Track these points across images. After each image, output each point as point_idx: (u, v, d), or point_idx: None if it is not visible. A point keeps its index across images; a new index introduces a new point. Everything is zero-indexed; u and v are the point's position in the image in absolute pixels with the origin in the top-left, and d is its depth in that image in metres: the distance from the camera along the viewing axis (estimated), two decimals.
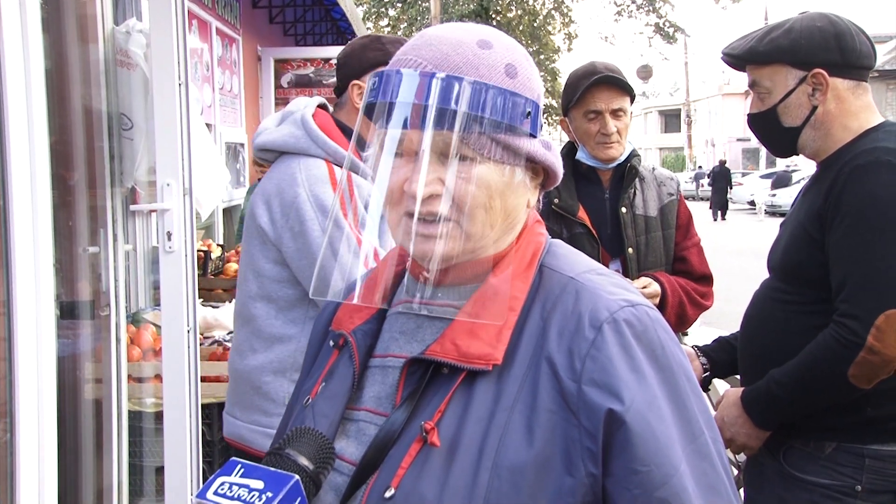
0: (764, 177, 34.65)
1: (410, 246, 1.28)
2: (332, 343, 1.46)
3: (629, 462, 1.18)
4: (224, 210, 8.32)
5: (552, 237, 1.45)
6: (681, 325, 3.20)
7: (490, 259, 1.32)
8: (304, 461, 1.22)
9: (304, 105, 2.74)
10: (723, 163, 34.20)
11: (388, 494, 1.21)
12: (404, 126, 1.24)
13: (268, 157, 2.74)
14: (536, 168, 1.35)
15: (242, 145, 8.95)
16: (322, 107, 2.78)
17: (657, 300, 3.01)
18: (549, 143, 1.34)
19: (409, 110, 1.23)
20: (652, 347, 1.25)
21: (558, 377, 1.21)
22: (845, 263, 2.23)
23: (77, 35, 3.70)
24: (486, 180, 1.25)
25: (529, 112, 1.27)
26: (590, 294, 1.28)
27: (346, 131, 2.70)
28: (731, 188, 32.99)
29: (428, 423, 1.22)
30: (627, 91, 3.13)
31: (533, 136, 1.30)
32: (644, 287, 3.00)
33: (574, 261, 1.38)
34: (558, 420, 1.20)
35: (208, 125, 7.16)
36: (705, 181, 43.89)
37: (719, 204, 31.89)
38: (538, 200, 1.42)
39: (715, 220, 31.00)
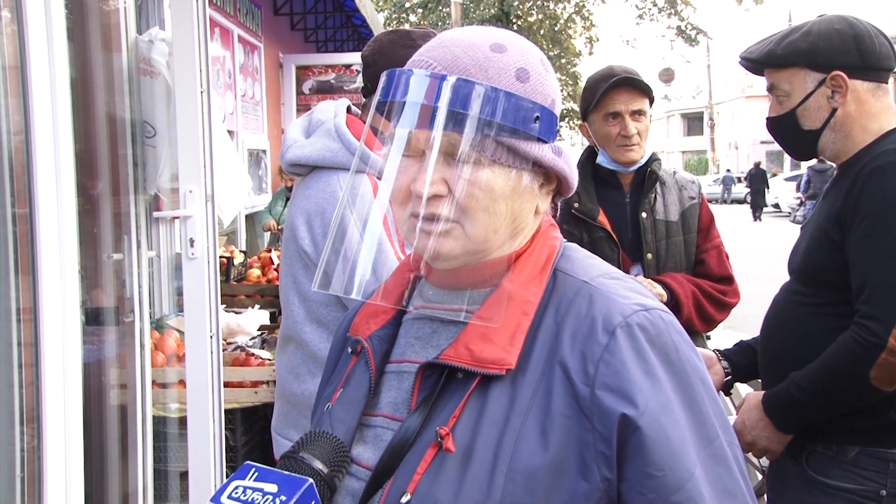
0: (788, 179, 34.41)
1: (414, 243, 1.30)
2: (349, 349, 1.47)
3: (643, 467, 1.18)
4: (246, 216, 8.36)
5: (572, 242, 1.46)
6: (706, 325, 3.18)
7: (503, 263, 1.33)
8: (318, 465, 1.23)
9: (334, 112, 2.66)
10: (758, 164, 34.45)
11: (404, 500, 1.22)
12: (410, 126, 1.26)
13: (300, 171, 2.65)
14: (549, 174, 1.34)
15: (264, 152, 8.99)
16: (347, 110, 2.70)
17: (662, 298, 2.99)
18: (561, 149, 1.33)
19: (414, 111, 1.24)
20: (666, 351, 1.25)
21: (572, 381, 1.22)
22: (865, 265, 2.23)
23: (101, 44, 3.74)
24: (489, 183, 1.25)
25: (538, 116, 1.27)
26: (603, 298, 1.28)
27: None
28: (768, 189, 33.34)
29: (443, 428, 1.23)
30: (646, 93, 3.14)
31: (543, 140, 1.30)
32: None
33: (588, 265, 1.38)
34: (572, 424, 1.20)
35: (230, 132, 7.20)
36: (736, 185, 43.92)
37: (757, 205, 32.49)
38: (556, 206, 1.43)
39: (755, 220, 31.58)
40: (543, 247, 1.37)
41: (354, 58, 10.92)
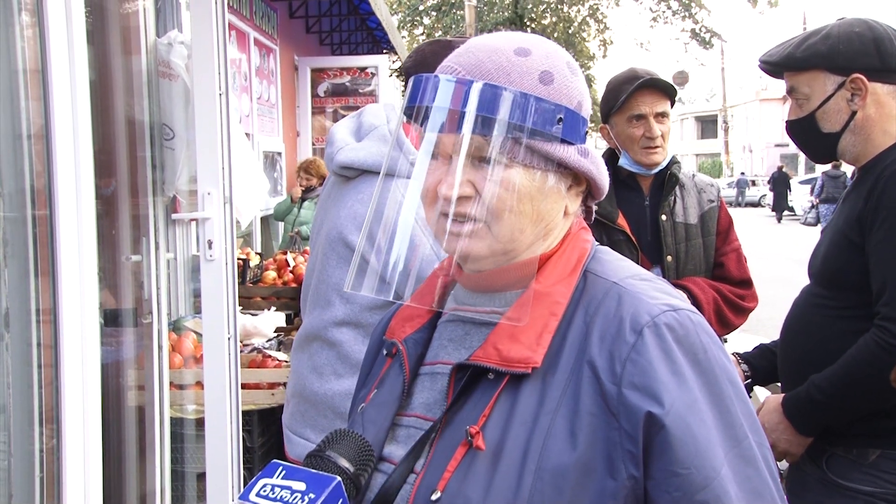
0: (803, 182, 34.41)
1: (443, 243, 1.33)
2: (385, 352, 1.50)
3: (669, 465, 1.19)
4: (262, 219, 8.38)
5: None
6: (724, 329, 3.18)
7: (533, 264, 1.35)
8: (344, 463, 1.24)
9: (387, 118, 2.65)
10: (781, 168, 34.98)
11: (434, 497, 1.23)
12: (436, 129, 1.30)
13: (348, 173, 2.63)
14: (577, 176, 1.36)
15: (280, 154, 9.02)
16: None
17: None
18: (588, 150, 1.35)
19: (441, 115, 1.29)
20: (693, 351, 1.26)
21: (599, 380, 1.23)
22: (885, 266, 2.22)
23: (121, 47, 3.75)
24: (513, 184, 1.28)
25: (561, 118, 1.29)
26: (632, 298, 1.29)
27: None
28: (790, 192, 33.84)
29: (473, 427, 1.25)
30: (670, 95, 3.14)
31: (568, 142, 1.31)
32: None
33: (618, 266, 1.39)
34: (600, 423, 1.21)
35: (247, 134, 7.22)
36: (750, 188, 44.00)
37: (780, 208, 33.17)
38: (590, 209, 1.46)
39: (779, 221, 32.09)
40: (574, 249, 1.39)
41: (369, 60, 10.95)
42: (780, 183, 33.64)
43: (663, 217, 3.15)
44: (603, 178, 1.39)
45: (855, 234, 2.30)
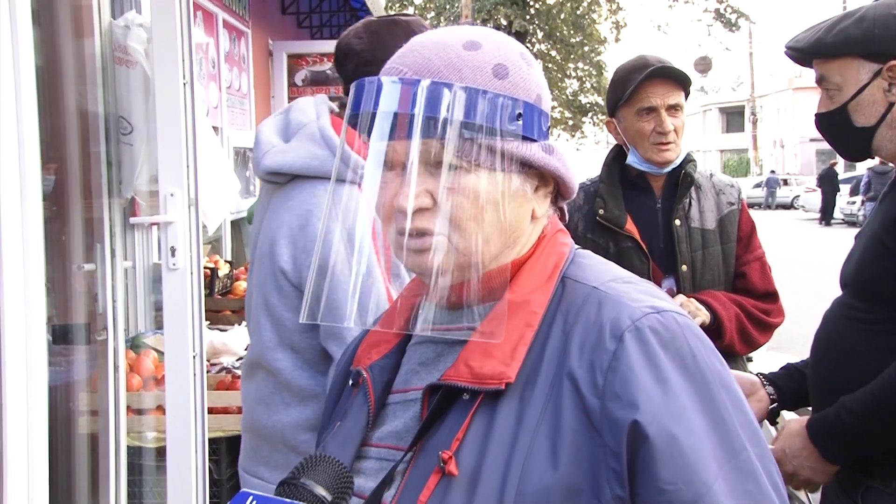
0: (844, 181, 34.48)
1: (407, 262, 1.35)
2: (350, 382, 1.52)
3: (654, 481, 1.21)
4: (232, 223, 8.38)
5: (597, 252, 1.50)
6: (747, 348, 3.18)
7: (505, 274, 1.37)
8: (321, 491, 1.25)
9: (316, 113, 2.61)
10: (833, 165, 34.89)
11: None
12: (386, 137, 1.32)
13: (277, 179, 2.58)
14: (543, 175, 1.39)
15: (252, 150, 9.02)
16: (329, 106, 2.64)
17: (704, 323, 2.98)
18: (552, 146, 1.38)
19: (389, 121, 1.30)
20: (681, 356, 1.28)
21: (581, 394, 1.25)
22: None
23: (71, 29, 3.76)
24: (474, 189, 1.30)
25: (520, 113, 1.32)
26: (613, 303, 1.32)
27: None
28: (838, 192, 33.68)
29: (445, 452, 1.27)
30: (683, 85, 3.14)
31: (530, 138, 1.34)
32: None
33: (600, 270, 1.42)
34: (583, 440, 1.23)
35: (215, 128, 7.22)
36: (782, 188, 44.01)
37: (827, 211, 33.14)
38: (562, 210, 1.48)
39: (822, 223, 32.36)
40: (550, 254, 1.42)
41: None
42: (827, 181, 33.39)
43: (677, 222, 3.15)
44: (571, 175, 1.41)
45: (891, 239, 2.31)
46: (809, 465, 2.41)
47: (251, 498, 1.24)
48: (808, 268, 17.91)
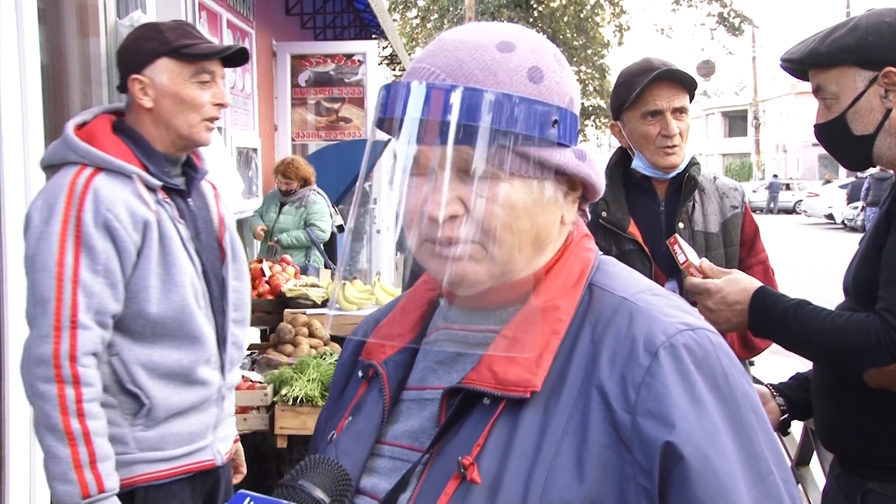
0: (843, 186, 34.45)
1: (434, 270, 1.32)
2: (360, 374, 1.48)
3: (687, 501, 1.19)
4: (235, 223, 8.38)
5: None
6: (747, 353, 3.18)
7: (531, 280, 1.34)
8: (319, 493, 1.23)
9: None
10: (830, 179, 34.60)
11: None
12: (418, 143, 1.27)
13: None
14: (573, 181, 1.36)
15: (255, 150, 9.02)
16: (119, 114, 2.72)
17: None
18: (584, 152, 1.34)
19: (419, 126, 1.26)
20: (714, 375, 1.26)
21: (610, 408, 1.22)
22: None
23: (77, 28, 3.77)
24: (510, 198, 1.27)
25: (556, 120, 1.28)
26: (645, 316, 1.29)
27: (134, 137, 2.64)
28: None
29: (466, 458, 1.24)
30: (689, 88, 3.13)
31: (564, 145, 1.31)
32: None
33: (627, 279, 1.39)
34: (611, 455, 1.21)
35: (218, 128, 7.23)
36: (784, 192, 43.95)
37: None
38: (585, 213, 1.44)
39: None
40: (576, 260, 1.38)
41: (357, 46, 10.96)
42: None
43: (681, 225, 3.15)
44: (601, 182, 1.38)
45: (880, 238, 2.31)
46: (731, 319, 2.51)
47: (248, 499, 1.22)
48: (809, 272, 17.89)
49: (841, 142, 2.49)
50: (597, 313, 1.32)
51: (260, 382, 4.43)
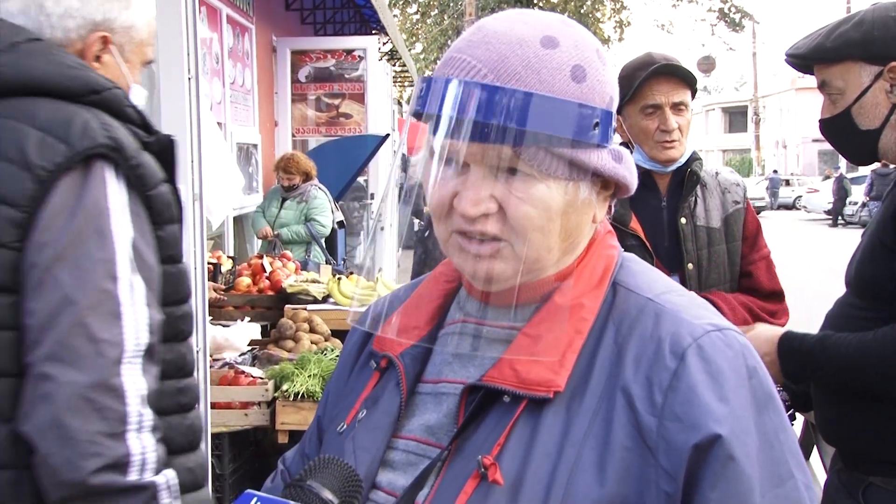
0: (855, 181, 34.44)
1: (461, 265, 1.31)
2: (374, 365, 1.46)
3: (707, 502, 1.18)
4: (235, 219, 8.39)
5: None
6: None
7: (556, 276, 1.33)
8: (328, 494, 1.22)
9: None
10: (829, 175, 35.18)
11: None
12: (455, 138, 1.23)
13: None
14: (606, 180, 1.33)
15: (255, 146, 9.03)
16: None
17: None
18: (620, 153, 1.32)
19: (458, 124, 1.23)
20: (741, 376, 1.24)
21: (635, 410, 1.21)
22: None
23: None
24: (544, 200, 1.25)
25: (597, 123, 1.26)
26: (671, 317, 1.28)
27: None
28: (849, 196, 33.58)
29: (486, 457, 1.23)
30: (689, 83, 3.13)
31: (602, 146, 1.28)
32: None
33: (652, 279, 1.37)
34: (633, 458, 1.20)
35: (218, 124, 7.23)
36: (784, 188, 44.00)
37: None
38: (611, 207, 1.41)
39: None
40: (600, 257, 1.36)
41: (357, 42, 10.98)
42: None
43: (682, 220, 3.15)
44: (634, 181, 1.35)
45: (888, 236, 2.31)
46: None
47: (255, 499, 1.21)
48: (810, 268, 17.88)
49: (846, 137, 2.49)
50: (621, 313, 1.31)
51: (261, 378, 4.44)
